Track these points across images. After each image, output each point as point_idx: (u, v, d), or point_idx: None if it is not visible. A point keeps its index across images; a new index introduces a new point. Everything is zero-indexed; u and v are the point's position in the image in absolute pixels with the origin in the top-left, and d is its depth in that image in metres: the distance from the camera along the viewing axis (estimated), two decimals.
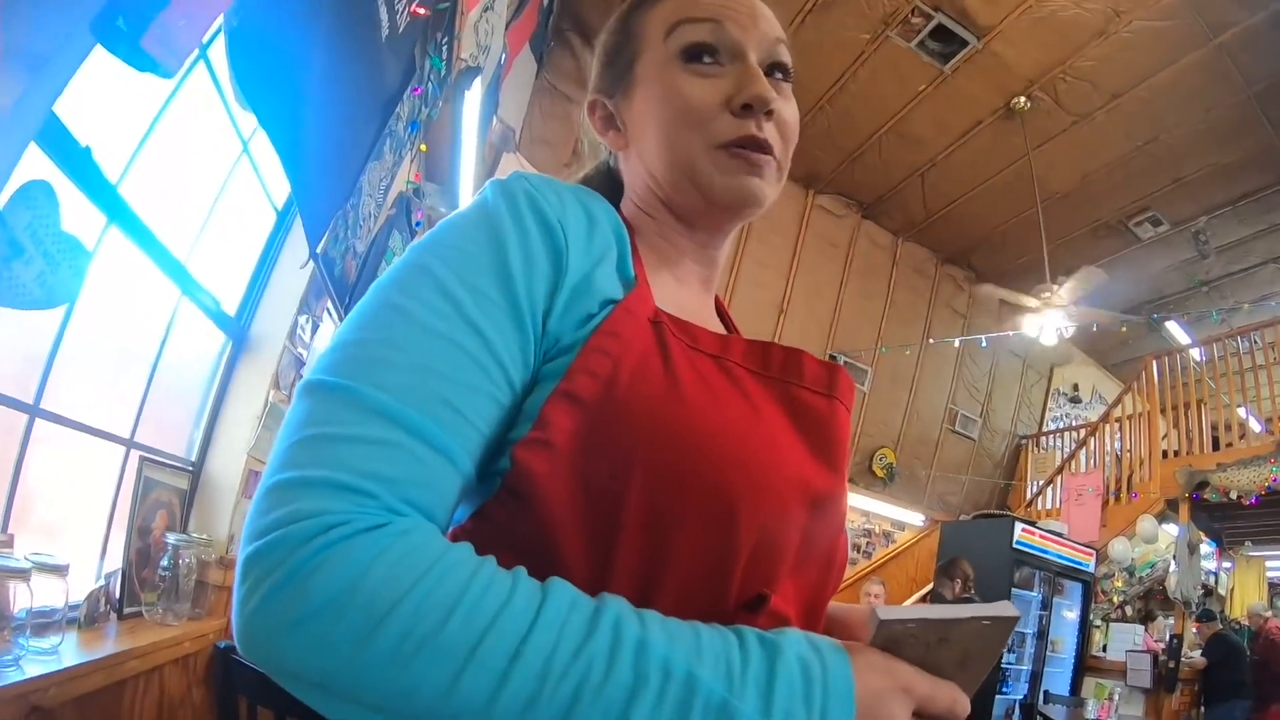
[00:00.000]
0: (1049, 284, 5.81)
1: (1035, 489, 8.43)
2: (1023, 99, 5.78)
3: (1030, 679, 5.99)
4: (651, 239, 0.68)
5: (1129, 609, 7.05)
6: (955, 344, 8.00)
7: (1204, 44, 5.03)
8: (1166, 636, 6.24)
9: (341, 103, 2.01)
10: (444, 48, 2.69)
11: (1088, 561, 6.48)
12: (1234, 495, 6.05)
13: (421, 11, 2.28)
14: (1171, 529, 6.66)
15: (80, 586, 1.59)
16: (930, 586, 5.83)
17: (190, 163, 1.97)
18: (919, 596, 7.18)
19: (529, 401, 0.53)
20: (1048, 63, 5.43)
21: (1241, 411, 6.61)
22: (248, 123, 2.03)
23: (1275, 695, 5.43)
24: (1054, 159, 6.32)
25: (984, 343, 7.48)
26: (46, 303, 1.26)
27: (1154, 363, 7.38)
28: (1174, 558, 6.47)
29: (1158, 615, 6.86)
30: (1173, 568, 6.49)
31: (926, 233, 8.00)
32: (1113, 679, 6.09)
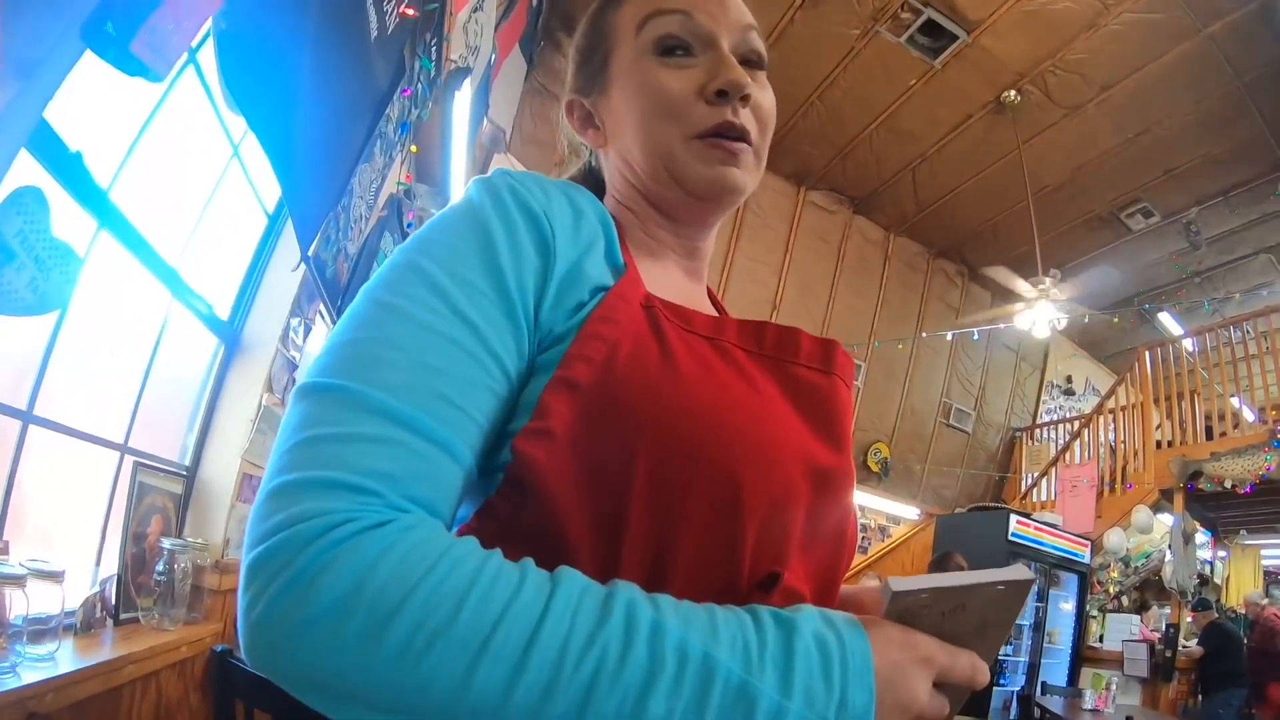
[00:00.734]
0: (1041, 276, 5.83)
1: (1030, 481, 8.47)
2: (1013, 92, 5.80)
3: (1027, 670, 6.03)
4: (635, 234, 0.68)
5: (1125, 599, 7.08)
6: (948, 337, 8.02)
7: (1193, 35, 5.05)
8: (1162, 626, 6.27)
9: (331, 105, 2.01)
10: (433, 49, 2.68)
11: (1083, 553, 6.51)
12: (1228, 484, 6.09)
13: (410, 13, 2.28)
14: (1166, 519, 6.69)
15: (76, 593, 1.59)
16: None
17: (181, 167, 1.96)
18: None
19: (526, 392, 0.53)
20: (1037, 56, 5.45)
21: (1235, 401, 6.64)
22: (238, 126, 2.03)
23: (1273, 680, 5.45)
24: (1045, 152, 6.34)
25: (976, 335, 7.50)
26: (38, 309, 1.26)
27: (1147, 354, 7.41)
28: (1169, 547, 6.50)
29: (1152, 605, 6.89)
30: (1168, 557, 6.53)
31: (918, 227, 8.01)
32: (1110, 669, 6.11)
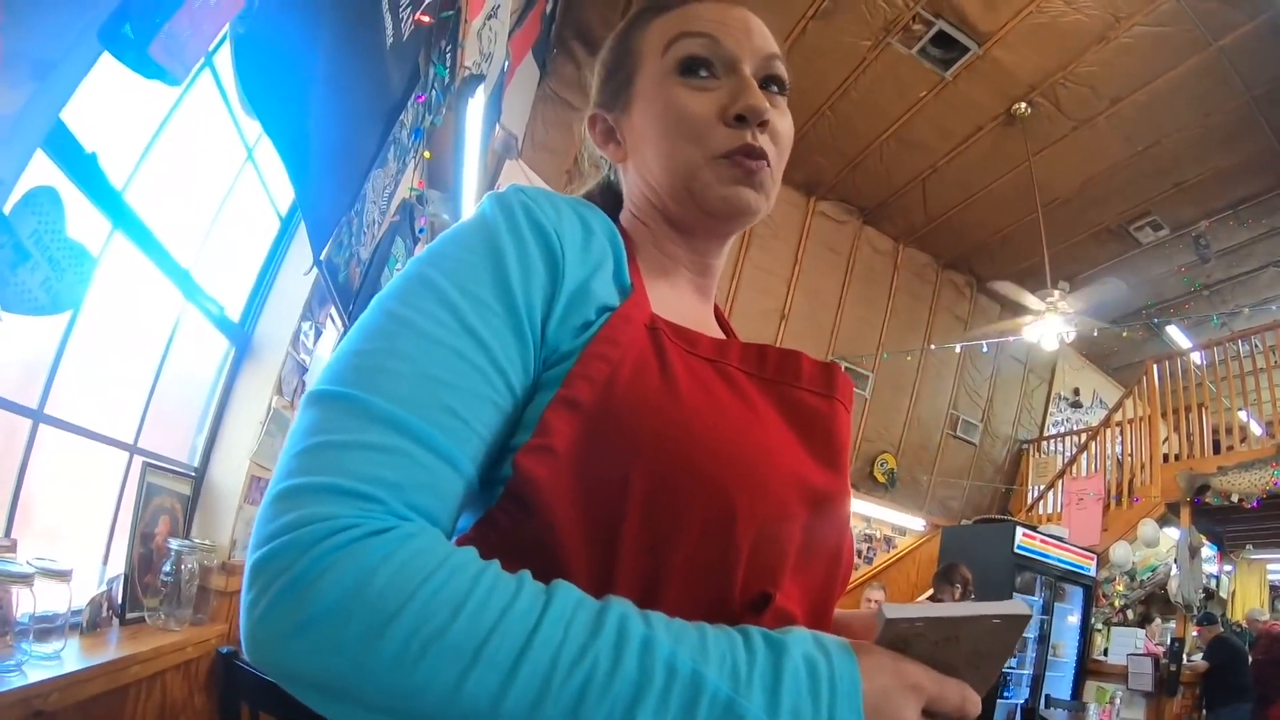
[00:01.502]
0: (1050, 289, 5.81)
1: (1036, 493, 8.42)
2: (1023, 105, 5.79)
3: (1032, 683, 5.99)
4: (648, 249, 0.69)
5: (1130, 613, 7.04)
6: (956, 349, 7.99)
7: (1204, 48, 5.04)
8: (1166, 639, 6.23)
9: (346, 110, 2.02)
10: (448, 55, 2.70)
11: (1089, 566, 6.48)
12: (1235, 499, 6.04)
13: (426, 20, 2.29)
14: (1173, 533, 6.65)
15: (83, 592, 1.59)
16: (930, 592, 5.83)
17: (195, 169, 1.98)
18: (920, 602, 7.17)
19: (529, 409, 0.54)
20: (1048, 68, 5.44)
21: (1242, 415, 6.61)
22: (252, 129, 2.04)
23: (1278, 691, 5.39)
24: (1055, 164, 6.32)
25: (985, 347, 7.47)
26: (51, 309, 1.26)
27: (1155, 367, 7.38)
28: (1175, 561, 6.46)
29: (1155, 618, 6.85)
30: (1174, 571, 6.49)
31: (928, 238, 7.99)
32: (1114, 683, 6.08)
